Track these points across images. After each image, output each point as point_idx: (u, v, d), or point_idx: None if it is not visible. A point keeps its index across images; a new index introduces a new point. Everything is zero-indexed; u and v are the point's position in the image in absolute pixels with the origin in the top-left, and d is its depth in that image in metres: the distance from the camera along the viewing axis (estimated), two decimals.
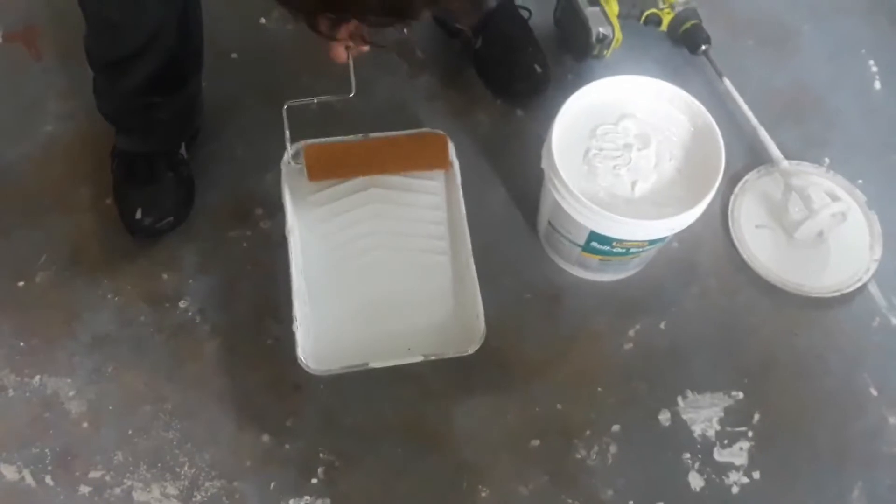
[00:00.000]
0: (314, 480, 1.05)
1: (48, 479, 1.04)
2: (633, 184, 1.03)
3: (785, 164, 1.23)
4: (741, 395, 1.12)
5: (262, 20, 1.38)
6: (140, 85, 1.08)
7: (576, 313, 1.16)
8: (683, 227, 1.02)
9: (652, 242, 1.06)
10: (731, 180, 1.25)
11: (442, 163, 1.14)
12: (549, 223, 1.12)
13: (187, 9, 1.07)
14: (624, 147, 1.05)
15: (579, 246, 1.09)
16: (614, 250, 1.06)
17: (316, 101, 1.16)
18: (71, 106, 1.28)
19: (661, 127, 1.07)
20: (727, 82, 1.29)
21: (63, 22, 1.35)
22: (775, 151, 1.24)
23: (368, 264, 1.15)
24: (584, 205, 0.99)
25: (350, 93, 1.18)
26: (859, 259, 1.20)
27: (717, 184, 1.00)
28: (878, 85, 1.36)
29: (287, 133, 1.13)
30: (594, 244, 1.06)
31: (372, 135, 1.14)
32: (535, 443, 1.08)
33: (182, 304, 1.15)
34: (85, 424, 1.08)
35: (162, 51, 1.05)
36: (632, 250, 1.07)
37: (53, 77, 1.31)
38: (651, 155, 1.05)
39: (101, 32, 1.05)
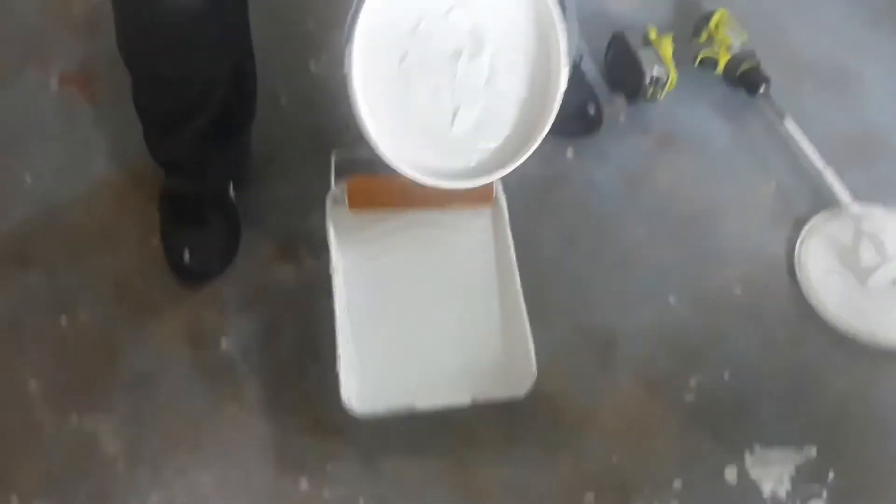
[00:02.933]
0: None
1: None
2: (455, 112, 0.83)
3: (855, 207, 1.17)
4: (814, 450, 1.04)
5: (312, 65, 1.39)
6: (192, 137, 1.07)
7: (631, 360, 1.11)
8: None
9: None
10: (797, 224, 1.21)
11: (486, 199, 1.11)
12: None
13: (241, 62, 1.07)
14: (451, 57, 0.82)
15: None
16: None
17: (364, 155, 1.15)
18: (122, 146, 1.28)
19: (500, 24, 0.81)
20: (789, 123, 1.25)
21: (118, 65, 1.37)
22: (843, 194, 1.18)
23: (413, 304, 1.11)
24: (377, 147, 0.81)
25: None
26: None
27: (545, 129, 0.81)
28: None
29: (332, 173, 1.13)
30: None
31: None
32: (589, 498, 1.02)
33: (224, 345, 1.13)
34: (120, 465, 1.04)
35: (214, 105, 1.04)
36: None
37: (106, 119, 1.32)
38: (483, 66, 0.82)
39: (150, 88, 1.04)
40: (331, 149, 1.16)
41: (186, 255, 1.15)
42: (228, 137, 1.13)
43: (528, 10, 0.81)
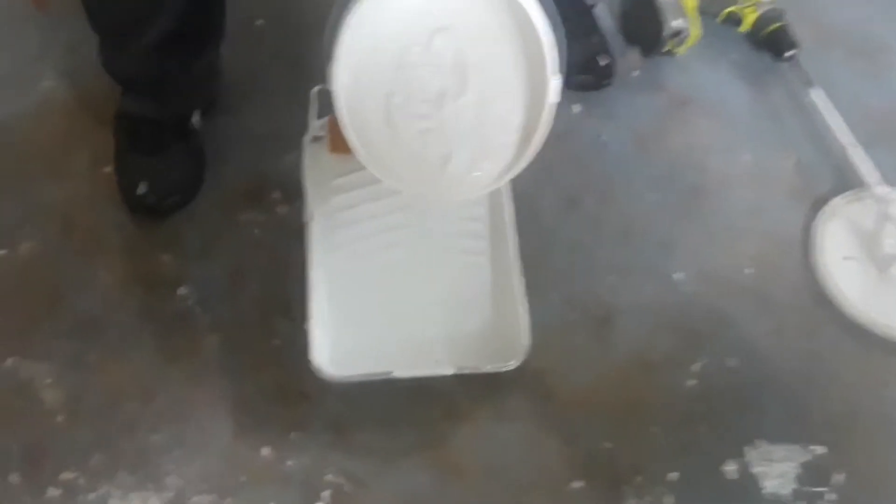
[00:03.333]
0: None
1: (13, 477, 0.91)
2: (447, 158, 0.77)
3: (881, 189, 1.09)
4: (823, 449, 0.96)
5: None
6: (149, 51, 0.97)
7: (630, 339, 1.02)
8: None
9: None
10: (816, 203, 1.12)
11: None
12: None
13: None
14: (436, 98, 0.76)
15: None
16: None
17: None
18: (75, 61, 1.17)
19: (484, 47, 0.74)
20: (816, 93, 1.15)
21: None
22: (870, 175, 1.10)
23: (395, 261, 1.01)
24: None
25: None
26: None
27: (536, 146, 0.75)
28: None
29: (314, 111, 1.02)
30: None
31: None
32: (577, 485, 0.93)
33: (181, 292, 1.02)
34: (60, 418, 0.94)
35: (174, 13, 0.94)
36: None
37: (58, 29, 1.20)
38: (470, 103, 0.76)
39: None
40: (313, 81, 1.04)
41: (142, 187, 1.05)
42: (192, 55, 1.02)
43: (512, 27, 0.73)
